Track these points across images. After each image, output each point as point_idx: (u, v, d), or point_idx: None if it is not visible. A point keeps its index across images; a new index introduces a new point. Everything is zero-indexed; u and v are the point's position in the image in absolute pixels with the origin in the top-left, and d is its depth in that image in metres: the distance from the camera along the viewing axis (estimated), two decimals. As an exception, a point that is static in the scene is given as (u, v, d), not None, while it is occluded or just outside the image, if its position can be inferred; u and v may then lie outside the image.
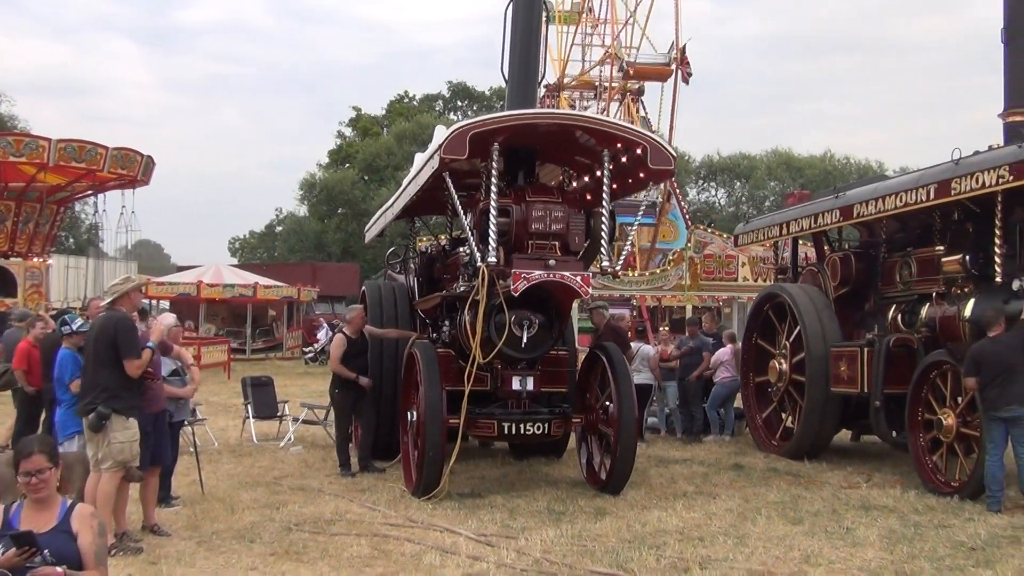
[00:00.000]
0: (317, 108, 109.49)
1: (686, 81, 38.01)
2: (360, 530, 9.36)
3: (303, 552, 8.55)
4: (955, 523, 9.77)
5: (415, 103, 74.99)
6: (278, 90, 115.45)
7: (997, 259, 11.26)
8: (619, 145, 10.92)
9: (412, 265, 14.75)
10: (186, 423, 11.56)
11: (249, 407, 15.83)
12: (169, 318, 11.09)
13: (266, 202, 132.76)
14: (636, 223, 15.08)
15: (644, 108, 40.54)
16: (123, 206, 34.14)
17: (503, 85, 13.62)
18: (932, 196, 11.84)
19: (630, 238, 20.59)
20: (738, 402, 16.51)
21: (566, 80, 41.08)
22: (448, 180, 10.75)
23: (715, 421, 16.51)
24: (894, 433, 12.63)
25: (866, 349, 12.89)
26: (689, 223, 37.94)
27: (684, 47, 37.74)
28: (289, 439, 15.27)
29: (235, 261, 66.78)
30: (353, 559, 8.33)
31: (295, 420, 15.78)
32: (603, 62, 40.20)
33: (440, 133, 11.19)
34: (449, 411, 10.88)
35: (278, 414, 16.08)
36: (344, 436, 12.85)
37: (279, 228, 75.60)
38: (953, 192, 11.48)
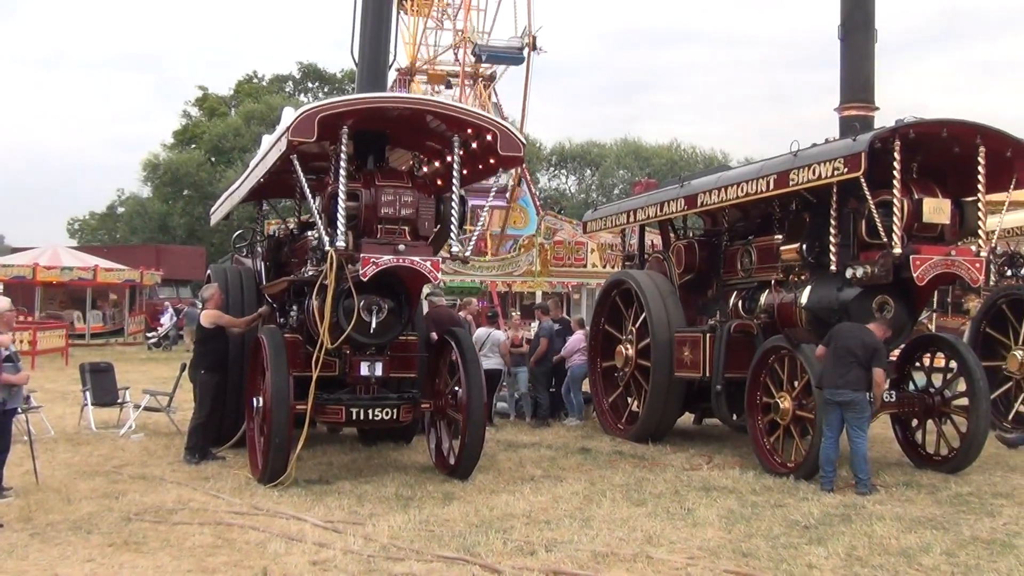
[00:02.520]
0: (162, 86, 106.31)
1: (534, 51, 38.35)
2: (203, 519, 9.18)
3: (143, 542, 8.33)
4: (790, 503, 10.13)
5: (264, 83, 73.54)
6: (120, 66, 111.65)
7: (832, 248, 11.71)
8: (469, 131, 10.93)
9: (259, 249, 14.47)
10: (19, 411, 11.10)
11: (87, 394, 15.29)
12: (3, 302, 10.63)
13: (107, 182, 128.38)
14: (488, 206, 15.12)
15: (496, 95, 40.72)
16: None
17: (355, 68, 13.48)
18: (772, 187, 12.24)
19: (481, 221, 20.68)
20: (586, 386, 16.76)
21: (419, 65, 40.89)
22: (296, 163, 10.59)
23: (572, 404, 16.74)
24: (734, 416, 13.04)
25: (708, 335, 13.25)
26: (539, 209, 38.27)
27: (535, 37, 38.02)
28: (130, 427, 14.82)
29: (74, 243, 64.32)
30: (195, 548, 8.15)
31: (136, 407, 15.32)
32: (456, 46, 40.14)
33: (288, 115, 11.00)
34: (296, 397, 10.73)
35: (118, 401, 15.57)
36: (202, 420, 12.42)
37: (121, 210, 73.12)
38: (791, 183, 11.90)
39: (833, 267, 11.69)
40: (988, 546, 8.42)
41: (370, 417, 11.12)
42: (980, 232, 11.66)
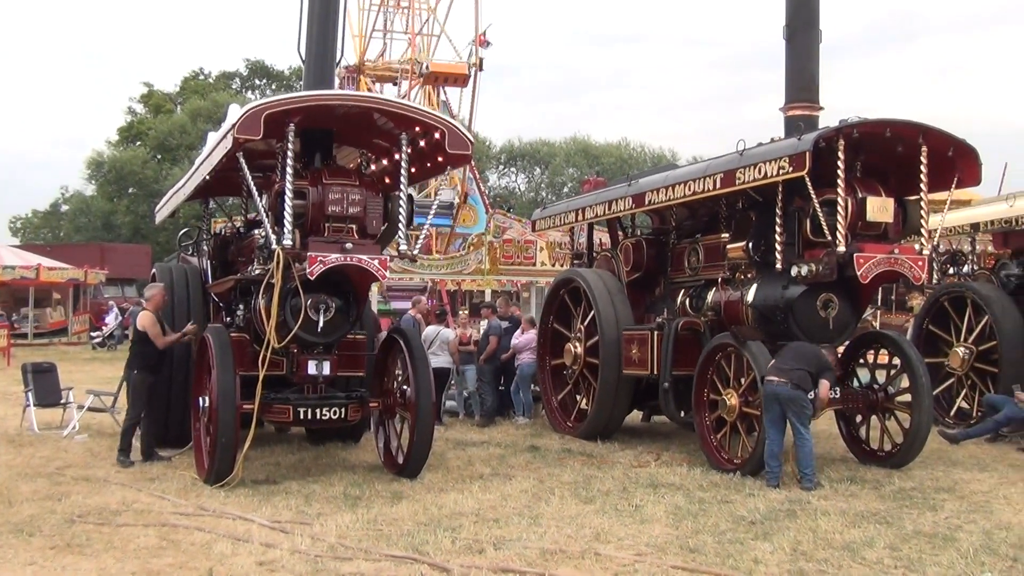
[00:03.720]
0: (106, 82, 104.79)
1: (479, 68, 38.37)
2: (148, 520, 9.08)
3: (86, 544, 8.22)
4: (737, 498, 10.22)
5: (211, 80, 72.88)
6: (63, 61, 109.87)
7: (778, 247, 11.82)
8: (417, 129, 10.90)
9: (205, 247, 14.34)
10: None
11: (30, 394, 15.06)
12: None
13: (51, 180, 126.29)
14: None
15: (444, 92, 40.62)
16: None
17: (302, 65, 13.38)
18: (718, 185, 12.33)
19: (424, 233, 20.60)
20: (535, 384, 16.77)
21: (367, 63, 40.70)
22: (242, 161, 10.51)
23: (520, 403, 16.76)
24: (682, 413, 13.13)
25: (656, 332, 13.32)
26: (489, 208, 38.26)
27: (484, 40, 37.99)
28: (73, 427, 14.62)
29: (16, 241, 63.33)
30: (140, 550, 8.06)
31: (80, 408, 15.12)
32: (405, 55, 40.01)
33: (234, 112, 10.92)
34: (243, 396, 10.65)
35: (62, 401, 15.36)
36: (134, 421, 12.32)
37: (65, 208, 72.13)
38: (738, 182, 11.99)
39: (779, 265, 11.80)
40: (930, 540, 8.54)
41: (318, 416, 11.06)
42: (923, 231, 11.82)
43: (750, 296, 12.38)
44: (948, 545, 8.34)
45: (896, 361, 12.62)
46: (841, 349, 12.68)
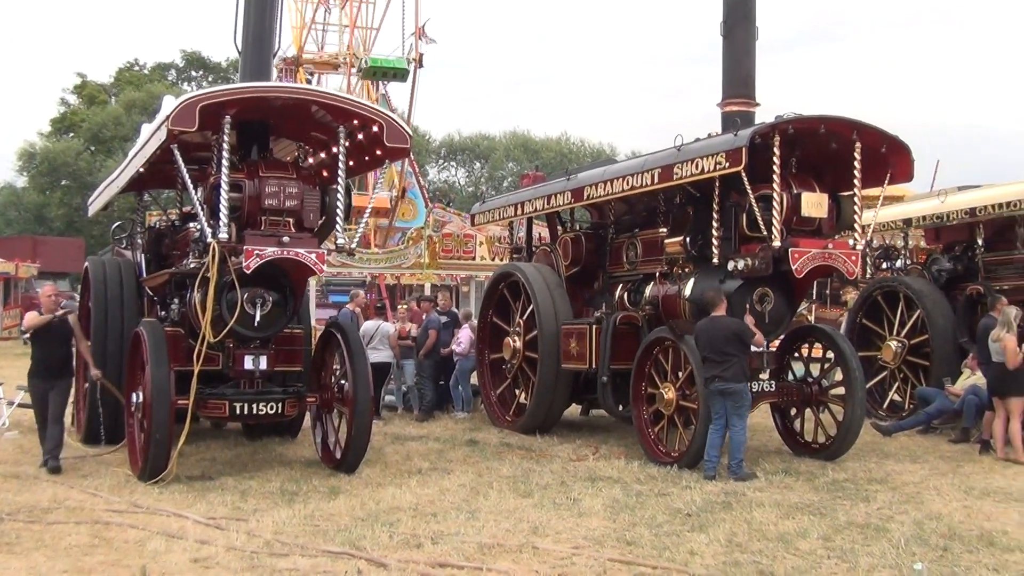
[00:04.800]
0: (38, 72, 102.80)
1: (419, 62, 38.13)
2: (80, 517, 8.93)
3: (16, 543, 8.07)
4: (674, 491, 10.29)
5: (146, 71, 71.78)
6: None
7: (715, 241, 11.92)
8: (355, 122, 10.83)
9: (140, 241, 14.14)
10: None
11: (-42, 391, 14.77)
12: None
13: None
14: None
15: (384, 86, 40.36)
16: None
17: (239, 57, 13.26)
18: (656, 180, 12.41)
19: (363, 221, 20.42)
20: (474, 379, 16.77)
21: (305, 56, 40.32)
22: (177, 153, 10.37)
23: (459, 397, 16.75)
24: (620, 407, 13.19)
25: (594, 326, 13.37)
26: (428, 202, 38.10)
27: (425, 34, 37.79)
28: (3, 424, 14.36)
29: (-56, 234, 61.99)
30: (71, 548, 7.93)
31: (11, 404, 14.84)
32: (343, 49, 39.65)
33: (168, 104, 10.76)
34: (178, 392, 10.52)
35: (-9, 398, 15.07)
36: (38, 429, 11.88)
37: (-6, 200, 70.69)
38: (675, 177, 12.09)
39: (715, 260, 11.91)
40: (863, 530, 8.67)
41: (254, 412, 10.97)
42: (856, 226, 11.99)
43: (688, 290, 12.48)
44: (880, 536, 8.47)
45: (830, 355, 12.79)
46: (776, 343, 12.82)
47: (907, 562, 7.68)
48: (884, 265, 18.18)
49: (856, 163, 11.67)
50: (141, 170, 11.64)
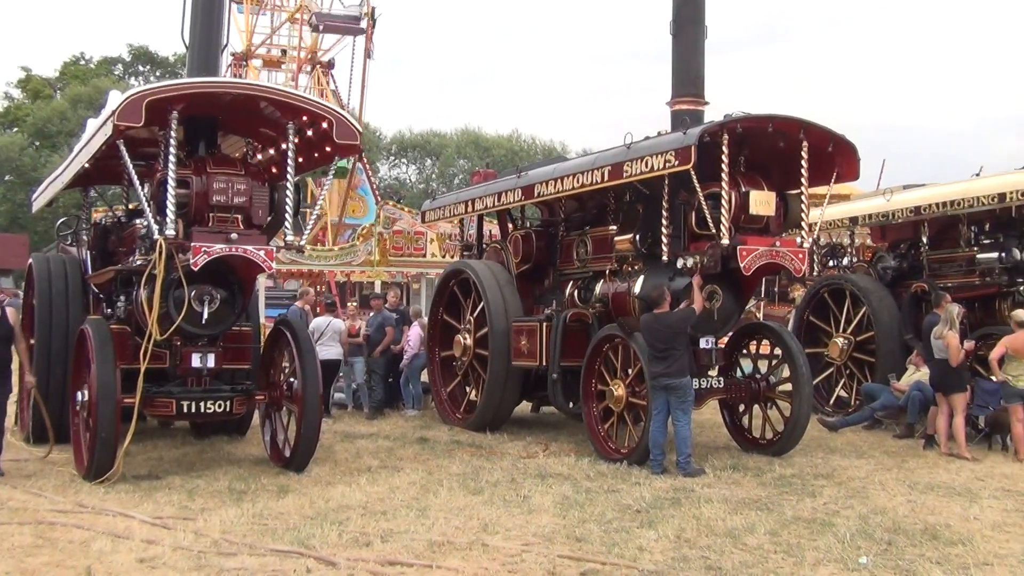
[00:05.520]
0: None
1: (369, 54, 37.86)
2: (23, 518, 8.79)
3: (-43, 545, 7.94)
4: (623, 488, 10.34)
5: (92, 66, 70.88)
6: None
7: (664, 239, 11.99)
8: (305, 118, 10.76)
9: (85, 237, 13.96)
10: None
11: None
12: None
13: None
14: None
15: (334, 82, 40.15)
16: None
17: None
18: (606, 178, 12.45)
19: (319, 204, 20.28)
20: (424, 376, 16.74)
21: (254, 49, 39.97)
22: (123, 149, 10.25)
23: (409, 395, 16.71)
24: (570, 404, 13.23)
25: (545, 324, 13.39)
26: (378, 199, 37.95)
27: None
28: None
29: None
30: (14, 549, 7.81)
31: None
32: (292, 19, 39.21)
33: (114, 99, 10.63)
34: (124, 390, 10.40)
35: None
36: None
37: (-65, 195, 69.42)
38: (625, 175, 12.13)
39: (665, 257, 11.98)
40: (809, 525, 8.76)
41: (201, 410, 10.87)
42: (803, 224, 12.11)
43: (637, 287, 12.54)
44: (826, 530, 8.57)
45: (777, 351, 12.91)
46: (725, 340, 12.92)
47: (852, 556, 7.76)
48: (831, 263, 18.42)
49: (803, 162, 11.79)
50: (87, 166, 11.50)
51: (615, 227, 13.26)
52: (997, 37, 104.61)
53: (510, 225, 15.97)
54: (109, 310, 12.39)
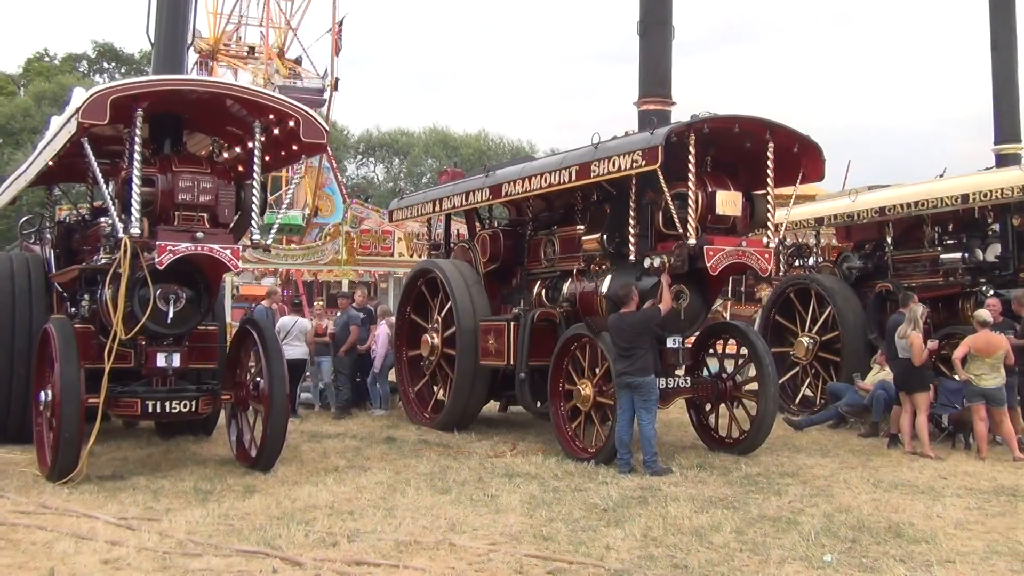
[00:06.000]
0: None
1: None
2: (-16, 520, 8.71)
3: (-83, 547, 7.84)
4: (591, 487, 10.36)
5: (56, 62, 70.28)
6: None
7: (631, 239, 12.02)
8: (271, 116, 10.71)
9: (48, 235, 13.83)
10: None
11: None
12: None
13: None
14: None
15: (302, 81, 40.01)
16: None
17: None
18: (573, 178, 12.46)
19: (289, 196, 20.21)
20: (392, 375, 16.70)
21: (222, 48, 39.81)
22: (87, 147, 10.15)
23: (376, 394, 16.68)
24: (538, 403, 13.26)
25: (512, 323, 13.41)
26: (346, 198, 37.87)
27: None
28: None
29: None
30: (-24, 551, 7.74)
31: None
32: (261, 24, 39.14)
33: (79, 96, 10.52)
34: (88, 390, 10.30)
35: None
36: None
37: None
38: (592, 175, 12.14)
39: (632, 257, 12.01)
40: (774, 523, 8.81)
41: (167, 410, 10.78)
42: (769, 224, 12.18)
43: (605, 287, 12.56)
44: (791, 528, 8.62)
45: (744, 351, 12.98)
46: (691, 339, 12.97)
47: (817, 554, 7.81)
48: (796, 263, 18.54)
49: (769, 162, 11.84)
50: (50, 164, 11.39)
51: (583, 227, 13.28)
52: (952, 39, 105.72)
53: (478, 224, 15.97)
54: (73, 309, 12.27)
